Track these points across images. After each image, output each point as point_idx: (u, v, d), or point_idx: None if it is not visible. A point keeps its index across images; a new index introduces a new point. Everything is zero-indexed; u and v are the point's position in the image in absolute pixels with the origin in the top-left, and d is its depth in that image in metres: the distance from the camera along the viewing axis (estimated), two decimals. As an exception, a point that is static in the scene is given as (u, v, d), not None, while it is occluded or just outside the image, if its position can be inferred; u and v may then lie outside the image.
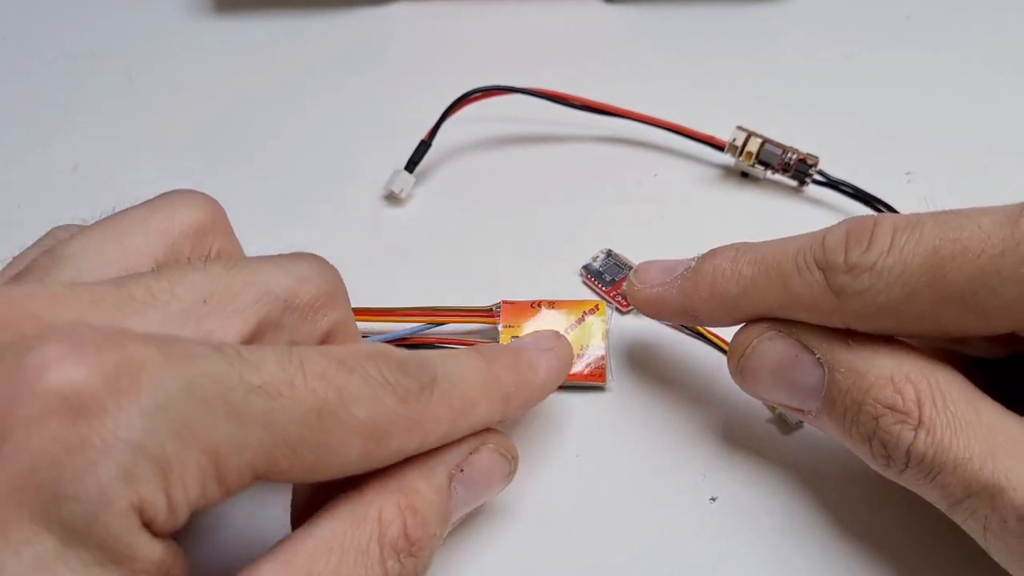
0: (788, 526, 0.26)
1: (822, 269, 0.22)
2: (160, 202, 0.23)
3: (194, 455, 0.16)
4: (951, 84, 0.42)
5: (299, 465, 0.18)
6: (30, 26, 0.47)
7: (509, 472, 0.24)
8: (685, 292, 0.26)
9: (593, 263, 0.33)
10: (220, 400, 0.17)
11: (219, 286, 0.20)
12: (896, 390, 0.21)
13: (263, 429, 0.17)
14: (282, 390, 0.18)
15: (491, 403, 0.22)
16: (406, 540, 0.20)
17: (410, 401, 0.20)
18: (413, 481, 0.21)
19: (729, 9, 0.47)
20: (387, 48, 0.45)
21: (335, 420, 0.18)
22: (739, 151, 0.36)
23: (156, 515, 0.16)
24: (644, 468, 0.27)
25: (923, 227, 0.21)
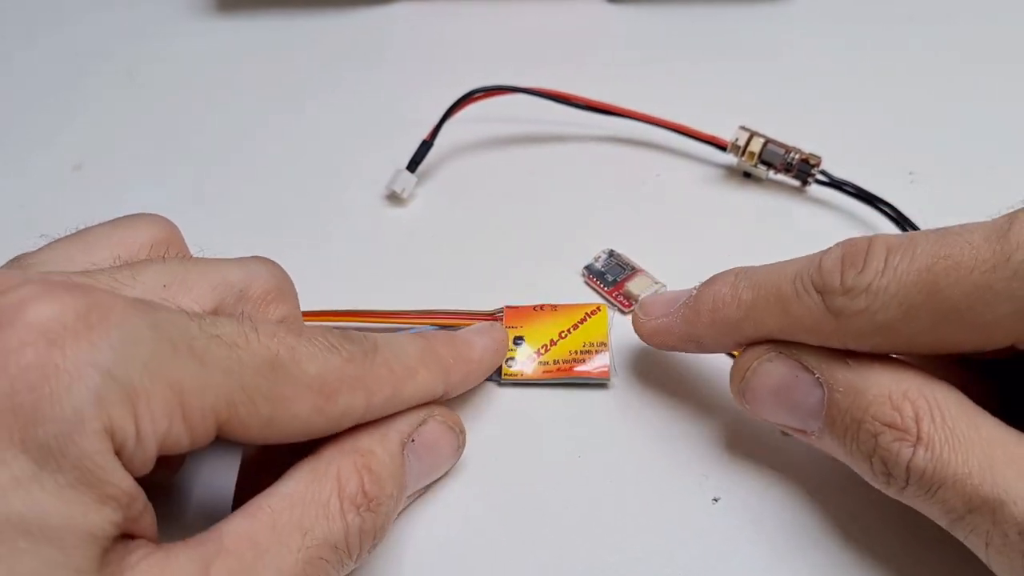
0: (790, 527, 0.26)
1: (820, 292, 0.23)
2: (122, 220, 0.25)
3: (160, 388, 0.18)
4: (953, 84, 0.42)
5: (257, 416, 0.20)
6: (32, 26, 0.47)
7: (458, 446, 0.26)
8: (688, 320, 0.26)
9: (595, 263, 0.33)
10: (184, 343, 0.18)
11: (177, 274, 0.22)
12: (894, 407, 0.22)
13: (222, 374, 0.19)
14: (238, 341, 0.20)
15: (430, 372, 0.24)
16: (364, 496, 0.21)
17: (355, 361, 0.22)
18: (368, 444, 0.23)
19: (732, 9, 0.47)
20: (389, 47, 0.45)
21: (287, 373, 0.20)
22: (742, 151, 0.36)
23: (125, 441, 0.17)
24: (646, 469, 0.27)
25: (916, 246, 0.22)
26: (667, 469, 0.27)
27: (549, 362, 0.29)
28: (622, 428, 0.28)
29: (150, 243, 0.24)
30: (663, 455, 0.28)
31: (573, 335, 0.29)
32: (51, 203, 0.37)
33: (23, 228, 0.36)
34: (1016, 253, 0.20)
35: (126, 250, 0.24)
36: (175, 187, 0.38)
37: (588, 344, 0.29)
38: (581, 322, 0.30)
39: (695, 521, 0.26)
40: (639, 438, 0.28)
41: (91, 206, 0.37)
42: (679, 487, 0.27)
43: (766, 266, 0.25)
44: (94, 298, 0.18)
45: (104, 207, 0.37)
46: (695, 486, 0.27)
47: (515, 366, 0.29)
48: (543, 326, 0.30)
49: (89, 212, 0.36)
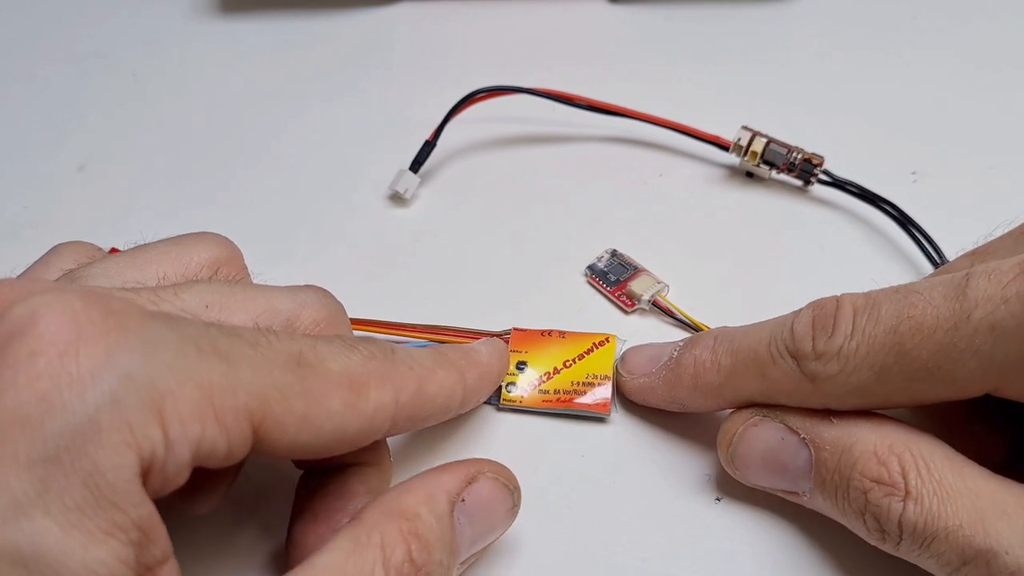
0: (792, 527, 0.26)
1: (794, 357, 0.23)
2: (182, 238, 0.25)
3: (188, 388, 0.17)
4: (957, 84, 0.42)
5: (292, 413, 0.19)
6: (36, 28, 0.47)
7: (512, 505, 0.24)
8: (670, 383, 0.26)
9: (598, 263, 0.33)
10: (208, 344, 0.18)
11: (222, 295, 0.21)
12: (881, 462, 0.22)
13: (251, 371, 0.18)
14: (259, 341, 0.19)
15: (448, 372, 0.23)
16: (412, 565, 0.20)
17: (376, 359, 0.21)
18: (414, 506, 0.21)
19: (734, 9, 0.47)
20: (392, 48, 0.45)
21: (313, 369, 0.19)
22: (744, 151, 0.36)
23: (155, 450, 0.16)
24: (649, 469, 0.27)
25: (880, 307, 0.22)
26: (670, 469, 0.27)
27: (550, 391, 0.28)
28: (625, 428, 0.28)
29: (207, 263, 0.24)
30: (665, 455, 0.28)
31: (578, 365, 0.29)
32: (55, 203, 0.37)
33: (27, 228, 0.36)
34: (975, 311, 0.20)
35: (181, 268, 0.23)
36: (179, 187, 0.38)
37: (592, 376, 0.28)
38: (588, 352, 0.29)
39: (698, 520, 0.26)
40: (641, 439, 0.28)
41: (95, 207, 0.37)
42: (682, 486, 0.27)
43: (744, 329, 0.25)
44: (110, 305, 0.17)
45: (108, 208, 0.37)
46: (698, 486, 0.27)
47: (515, 391, 0.28)
48: (548, 353, 0.29)
49: (93, 213, 0.37)
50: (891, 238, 0.34)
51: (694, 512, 0.26)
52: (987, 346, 0.20)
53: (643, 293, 0.31)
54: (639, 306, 0.32)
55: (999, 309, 0.20)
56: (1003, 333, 0.20)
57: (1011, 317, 0.20)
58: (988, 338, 0.20)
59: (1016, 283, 0.20)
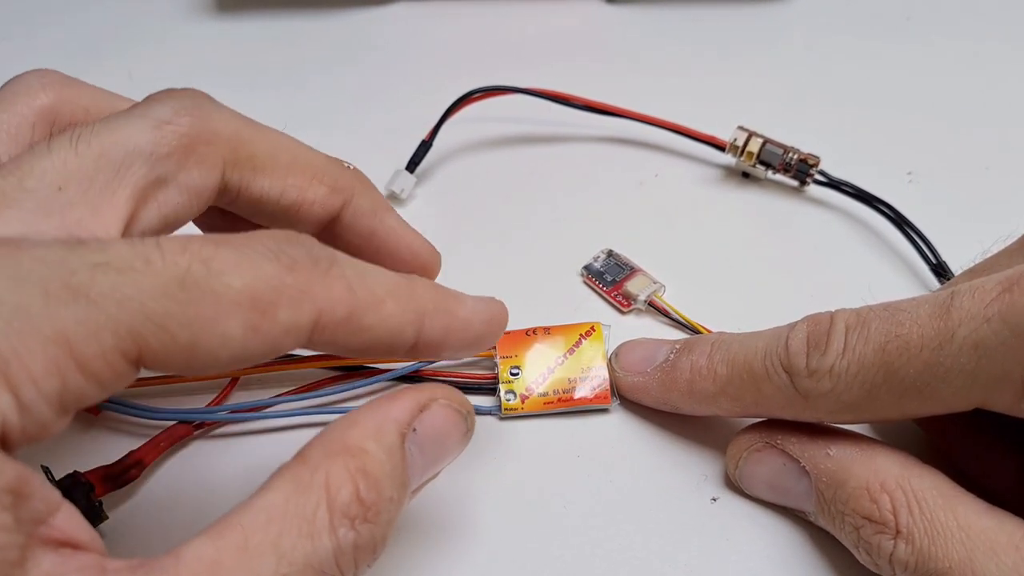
0: (788, 526, 0.26)
1: (788, 372, 0.23)
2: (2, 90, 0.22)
3: (36, 344, 0.15)
4: (952, 84, 0.42)
5: (175, 344, 0.16)
6: (31, 25, 0.47)
7: (466, 430, 0.22)
8: (664, 386, 0.27)
9: (594, 263, 0.33)
10: (59, 284, 0.15)
11: (70, 167, 0.19)
12: (872, 499, 0.22)
13: (116, 306, 0.16)
14: (134, 264, 0.16)
15: (400, 308, 0.20)
16: (360, 505, 0.18)
17: (297, 270, 0.18)
18: (361, 442, 0.19)
19: (730, 9, 0.47)
20: (388, 48, 0.45)
21: (204, 290, 0.17)
22: (740, 151, 0.36)
23: (6, 417, 0.15)
24: (645, 469, 0.27)
25: (870, 324, 0.22)
26: (666, 468, 0.27)
27: (548, 392, 0.28)
28: (621, 428, 0.28)
29: (40, 115, 0.21)
30: (662, 455, 0.28)
31: (570, 360, 0.29)
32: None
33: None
34: (959, 329, 0.20)
35: (18, 135, 0.21)
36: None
37: (586, 370, 0.28)
38: (576, 345, 0.29)
39: (694, 520, 0.26)
40: (638, 438, 0.28)
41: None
42: (678, 487, 0.27)
43: (741, 338, 0.25)
44: None
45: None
46: (694, 486, 0.27)
47: (514, 399, 0.28)
48: (538, 353, 0.29)
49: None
50: (887, 238, 0.34)
51: (690, 512, 0.26)
52: (971, 364, 0.20)
53: (639, 293, 0.31)
54: (635, 306, 0.32)
55: (982, 327, 0.20)
56: (986, 351, 0.20)
57: (993, 335, 0.20)
58: (972, 356, 0.20)
59: (998, 302, 0.20)
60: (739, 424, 0.28)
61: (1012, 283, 0.20)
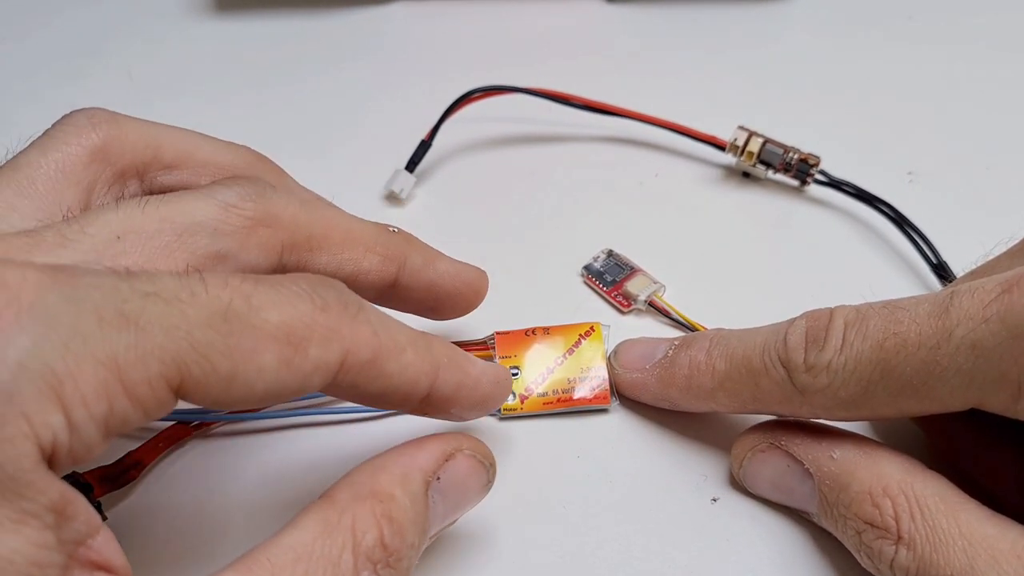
0: (788, 526, 0.26)
1: (785, 368, 0.23)
2: (49, 140, 0.23)
3: (89, 368, 0.15)
4: (953, 84, 0.42)
5: (215, 374, 0.17)
6: (31, 25, 0.47)
7: (487, 481, 0.23)
8: (663, 382, 0.27)
9: (594, 263, 0.33)
10: (113, 311, 0.16)
11: (134, 222, 0.20)
12: (874, 504, 0.22)
13: (163, 335, 0.16)
14: (180, 296, 0.17)
15: (419, 358, 0.21)
16: (383, 550, 0.19)
17: (330, 312, 0.19)
18: (388, 487, 0.20)
19: (730, 9, 0.47)
20: (387, 47, 0.45)
21: (244, 323, 0.17)
22: (740, 151, 0.36)
23: (56, 436, 0.15)
24: (645, 469, 0.27)
25: (868, 321, 0.22)
26: (666, 469, 0.27)
27: (548, 392, 0.28)
28: (621, 428, 0.28)
29: (92, 156, 0.22)
30: (662, 455, 0.28)
31: (569, 361, 0.28)
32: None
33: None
34: (957, 329, 0.20)
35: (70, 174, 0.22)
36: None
37: (585, 370, 0.28)
38: (576, 346, 0.29)
39: (694, 521, 0.26)
40: (638, 439, 0.28)
41: (90, 206, 0.37)
42: (678, 487, 0.27)
43: (739, 333, 0.25)
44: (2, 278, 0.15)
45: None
46: (694, 486, 0.27)
47: (513, 399, 0.28)
48: (537, 354, 0.29)
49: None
50: (887, 238, 0.34)
51: (690, 512, 0.26)
52: (968, 364, 0.20)
53: (639, 293, 0.31)
54: (635, 306, 0.32)
55: (980, 328, 0.20)
56: (983, 352, 0.20)
57: (991, 336, 0.20)
58: (969, 356, 0.20)
59: (997, 303, 0.20)
60: (742, 423, 0.28)
61: (1011, 284, 0.20)
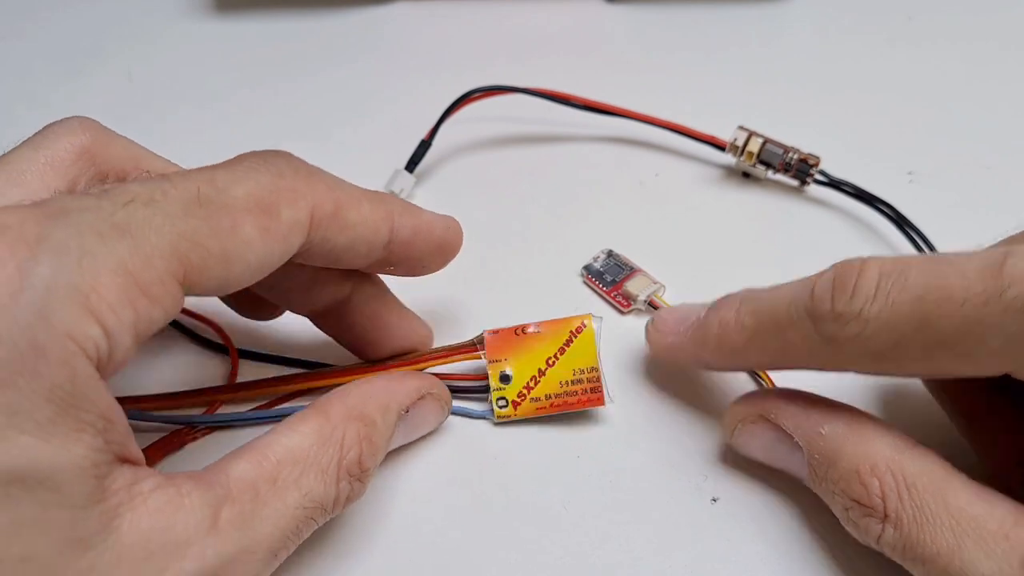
0: (788, 527, 0.26)
1: (812, 319, 0.23)
2: (42, 138, 0.24)
3: (106, 278, 0.17)
4: (952, 84, 0.42)
5: (210, 255, 0.19)
6: (31, 25, 0.47)
7: (440, 421, 0.28)
8: (696, 342, 0.26)
9: (594, 263, 0.33)
10: (106, 225, 0.18)
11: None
12: (862, 482, 0.22)
13: (155, 234, 0.18)
14: (154, 196, 0.19)
15: (375, 207, 0.24)
16: (359, 467, 0.23)
17: (286, 176, 0.21)
18: (372, 414, 0.24)
19: (730, 9, 0.47)
20: (387, 47, 0.45)
21: (217, 204, 0.19)
22: (740, 151, 0.36)
23: (97, 344, 0.17)
24: (645, 469, 0.27)
25: (909, 273, 0.21)
26: (666, 469, 0.27)
27: (541, 397, 0.28)
28: (621, 429, 0.28)
29: (79, 153, 0.24)
30: (662, 455, 0.28)
31: (561, 362, 0.28)
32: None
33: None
34: (1009, 289, 0.20)
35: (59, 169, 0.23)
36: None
37: (578, 371, 0.28)
38: (567, 344, 0.28)
39: (694, 521, 0.26)
40: (637, 439, 0.28)
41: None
42: (678, 487, 0.27)
43: (768, 290, 0.25)
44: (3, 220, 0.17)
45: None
46: (694, 486, 0.27)
47: (507, 407, 0.28)
48: (529, 354, 0.28)
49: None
50: (887, 238, 0.34)
51: (690, 512, 0.26)
52: (1015, 327, 0.20)
53: (639, 293, 0.31)
54: (635, 306, 0.32)
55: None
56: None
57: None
58: (1017, 318, 0.20)
59: None
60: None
61: None
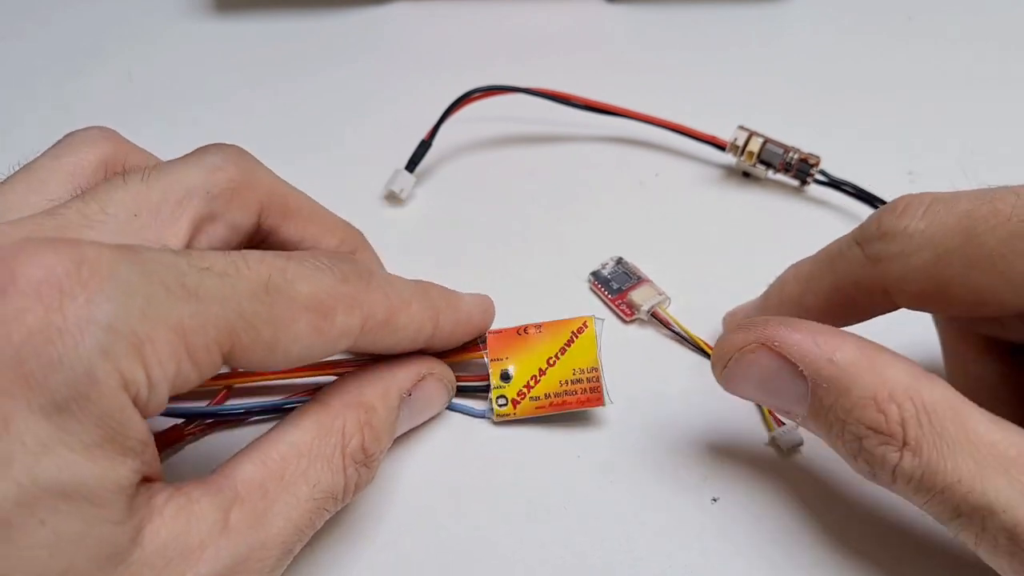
0: (788, 527, 0.26)
1: (860, 244, 0.24)
2: (63, 147, 0.25)
3: (162, 332, 0.18)
4: (952, 84, 0.42)
5: (259, 340, 0.20)
6: (31, 26, 0.47)
7: (446, 401, 0.28)
8: (762, 307, 0.28)
9: (602, 270, 0.33)
10: (176, 283, 0.18)
11: (143, 199, 0.22)
12: (880, 409, 0.21)
13: (219, 306, 0.19)
14: (228, 271, 0.20)
15: (422, 307, 0.25)
16: (363, 452, 0.23)
17: (349, 282, 0.22)
18: (372, 399, 0.24)
19: (731, 9, 0.47)
20: (387, 47, 0.45)
21: (282, 295, 0.20)
22: (741, 151, 0.36)
23: (139, 391, 0.18)
24: (645, 469, 0.27)
25: (961, 196, 0.22)
26: (666, 469, 0.27)
27: (540, 396, 0.28)
28: (621, 428, 0.28)
29: (99, 162, 0.24)
30: (662, 455, 0.28)
31: (562, 361, 0.28)
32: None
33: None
34: None
35: (79, 177, 0.24)
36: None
37: (578, 371, 0.28)
38: (568, 344, 0.28)
39: (694, 521, 0.26)
40: (638, 439, 0.28)
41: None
42: (679, 487, 0.27)
43: None
44: (81, 252, 0.18)
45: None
46: (694, 486, 0.27)
47: (506, 405, 0.28)
48: (530, 354, 0.28)
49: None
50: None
51: (690, 512, 0.26)
52: None
53: (643, 304, 0.31)
54: (638, 316, 0.31)
55: None
56: None
57: None
58: None
59: None
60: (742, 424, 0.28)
61: None
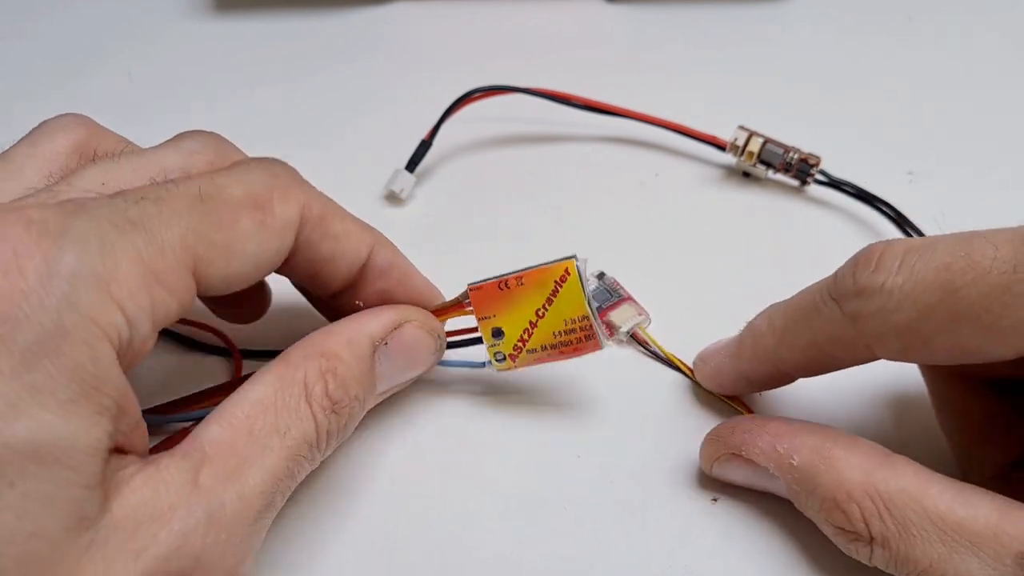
0: (787, 527, 0.26)
1: (836, 299, 0.23)
2: (38, 135, 0.25)
3: (124, 266, 0.18)
4: (953, 84, 0.42)
5: (214, 247, 0.20)
6: (30, 26, 0.47)
7: (436, 349, 0.27)
8: (735, 356, 0.27)
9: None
10: (122, 219, 0.19)
11: (113, 173, 0.22)
12: (842, 511, 0.22)
13: (165, 227, 0.19)
14: (162, 195, 0.20)
15: (359, 226, 0.25)
16: (328, 399, 0.22)
17: (279, 176, 0.23)
18: (334, 347, 0.23)
19: (731, 9, 0.47)
20: (388, 47, 0.45)
21: (216, 200, 0.21)
22: (741, 151, 0.36)
23: (120, 332, 0.18)
24: (645, 469, 0.27)
25: (936, 246, 0.21)
26: (666, 469, 0.27)
27: (537, 348, 0.27)
28: (621, 428, 0.28)
29: (74, 148, 0.24)
30: (662, 455, 0.28)
31: (551, 312, 0.27)
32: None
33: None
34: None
35: (54, 163, 0.24)
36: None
37: (570, 321, 0.27)
38: (554, 294, 0.27)
39: (694, 521, 0.26)
40: (638, 439, 0.28)
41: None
42: (678, 487, 0.27)
43: (798, 292, 0.25)
44: (27, 215, 0.18)
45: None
46: (694, 486, 0.27)
47: (504, 360, 0.27)
48: (517, 307, 0.27)
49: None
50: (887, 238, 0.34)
51: (690, 512, 0.26)
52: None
53: (622, 325, 0.30)
54: (617, 336, 0.31)
55: None
56: None
57: None
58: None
59: None
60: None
61: None
